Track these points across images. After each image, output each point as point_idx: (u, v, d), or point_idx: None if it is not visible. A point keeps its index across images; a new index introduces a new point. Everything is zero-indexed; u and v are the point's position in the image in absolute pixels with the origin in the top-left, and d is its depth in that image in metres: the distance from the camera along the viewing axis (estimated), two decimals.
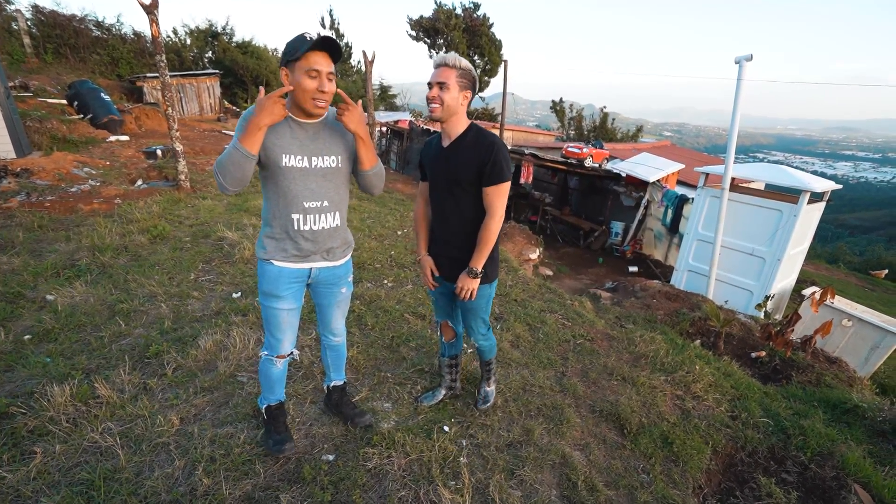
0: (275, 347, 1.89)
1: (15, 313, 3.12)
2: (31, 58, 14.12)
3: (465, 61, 1.82)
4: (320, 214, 1.75)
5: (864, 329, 4.90)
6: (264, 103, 1.48)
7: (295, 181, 1.66)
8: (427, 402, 2.50)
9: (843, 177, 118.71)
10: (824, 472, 2.52)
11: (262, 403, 2.06)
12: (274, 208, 1.70)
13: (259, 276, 1.79)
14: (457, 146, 1.91)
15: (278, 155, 1.61)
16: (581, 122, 24.04)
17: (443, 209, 2.01)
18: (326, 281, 1.90)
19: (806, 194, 4.91)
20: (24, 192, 5.78)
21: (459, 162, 1.89)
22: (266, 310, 1.82)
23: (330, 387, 2.28)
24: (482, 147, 1.86)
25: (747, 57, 5.01)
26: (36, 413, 2.11)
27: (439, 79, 1.80)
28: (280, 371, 1.96)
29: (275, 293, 1.77)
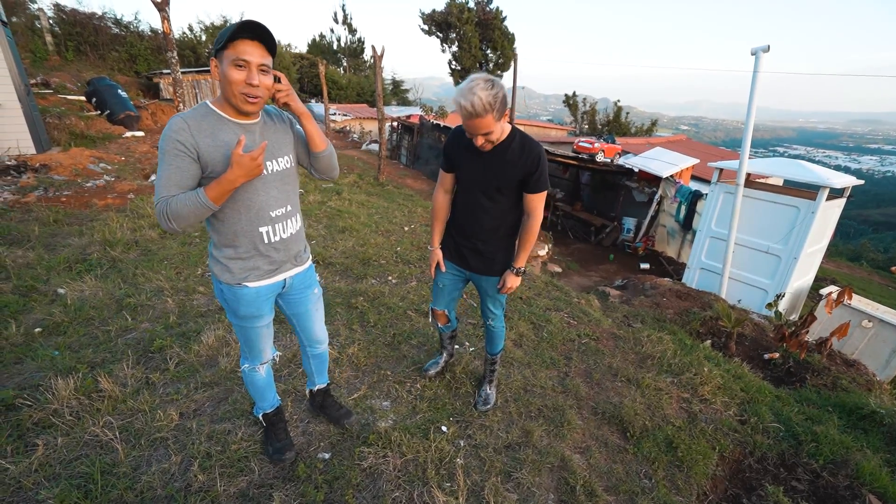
0: (256, 358, 1.82)
1: (27, 306, 3.19)
2: (53, 55, 14.44)
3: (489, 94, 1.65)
4: (286, 221, 1.64)
5: (885, 330, 4.73)
6: (243, 162, 1.34)
7: (257, 192, 1.52)
8: (432, 371, 2.69)
9: (869, 171, 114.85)
10: (837, 480, 2.43)
11: (257, 413, 2.03)
12: (236, 226, 1.53)
13: (231, 301, 1.62)
14: (501, 152, 1.89)
15: None
16: (594, 116, 23.67)
17: (476, 208, 2.04)
18: (299, 286, 1.80)
19: (825, 190, 4.74)
20: (41, 188, 5.92)
21: (503, 169, 1.90)
22: (245, 330, 1.72)
23: (314, 391, 2.22)
24: (529, 158, 1.87)
25: (764, 48, 4.84)
26: (41, 405, 2.15)
27: (482, 130, 1.74)
28: (265, 377, 1.91)
29: (255, 314, 1.67)
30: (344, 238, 5.03)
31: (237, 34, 1.33)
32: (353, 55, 28.89)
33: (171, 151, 1.36)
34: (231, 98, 1.41)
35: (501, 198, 1.98)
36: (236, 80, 1.37)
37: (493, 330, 2.39)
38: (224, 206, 1.49)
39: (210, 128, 1.41)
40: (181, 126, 1.37)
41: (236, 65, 1.35)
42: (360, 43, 29.12)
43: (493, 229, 2.06)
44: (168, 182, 1.37)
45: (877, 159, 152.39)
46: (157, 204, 1.37)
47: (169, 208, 1.35)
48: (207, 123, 1.42)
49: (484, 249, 2.11)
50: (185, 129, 1.37)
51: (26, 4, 14.59)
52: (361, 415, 2.33)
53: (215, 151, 1.41)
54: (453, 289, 2.32)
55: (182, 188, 1.38)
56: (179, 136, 1.36)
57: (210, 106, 1.45)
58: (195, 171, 1.41)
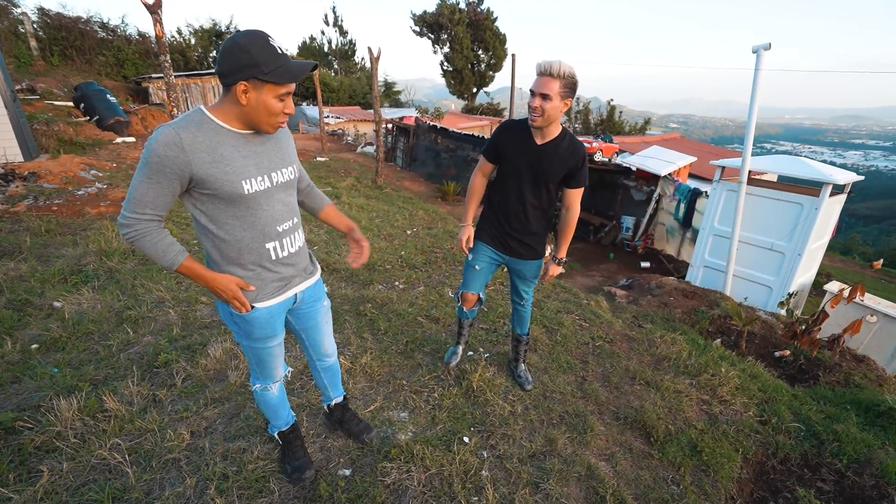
0: (269, 378, 1.71)
1: (22, 321, 3.07)
2: (38, 60, 14.17)
3: (569, 68, 1.83)
4: (293, 234, 1.54)
5: (890, 325, 4.74)
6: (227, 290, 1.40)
7: (261, 207, 1.40)
8: (453, 362, 2.80)
9: (854, 166, 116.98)
10: (863, 480, 2.40)
11: (272, 431, 1.93)
12: (240, 244, 1.41)
13: (242, 325, 1.51)
14: (553, 148, 2.04)
15: (236, 183, 1.32)
16: (588, 116, 23.77)
17: (522, 198, 2.18)
18: (309, 300, 1.70)
19: (828, 187, 4.75)
20: (31, 196, 5.75)
21: (553, 163, 2.05)
22: (256, 351, 1.61)
23: (331, 406, 2.12)
24: (577, 156, 2.04)
25: (765, 46, 4.83)
26: (43, 428, 2.05)
27: (543, 90, 1.85)
28: (278, 395, 1.80)
29: (270, 334, 1.57)
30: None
31: (298, 78, 1.28)
32: (344, 57, 28.75)
33: (155, 167, 1.21)
34: (260, 123, 1.32)
35: (546, 190, 2.15)
36: (277, 111, 1.30)
37: (524, 312, 2.60)
38: (227, 222, 1.37)
39: (207, 141, 1.26)
40: (172, 140, 1.20)
41: (280, 98, 1.29)
42: (351, 45, 28.99)
43: (537, 219, 2.23)
44: (143, 199, 1.25)
45: (861, 154, 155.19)
46: (124, 225, 1.26)
47: (136, 242, 1.27)
48: (204, 136, 1.26)
49: (528, 237, 2.27)
50: (177, 145, 1.21)
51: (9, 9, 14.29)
52: (380, 427, 2.25)
53: (212, 167, 1.27)
54: (488, 272, 2.46)
55: (158, 208, 1.27)
56: (169, 151, 1.20)
57: (206, 113, 1.29)
58: (176, 190, 1.28)
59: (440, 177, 9.95)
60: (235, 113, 1.30)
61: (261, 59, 1.20)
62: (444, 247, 5.07)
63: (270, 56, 1.21)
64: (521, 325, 2.66)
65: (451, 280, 4.16)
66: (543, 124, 1.95)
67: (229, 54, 1.21)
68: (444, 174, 10.05)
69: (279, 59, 1.23)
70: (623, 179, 9.47)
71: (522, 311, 2.60)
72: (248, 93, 1.25)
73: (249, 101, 1.26)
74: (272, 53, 1.22)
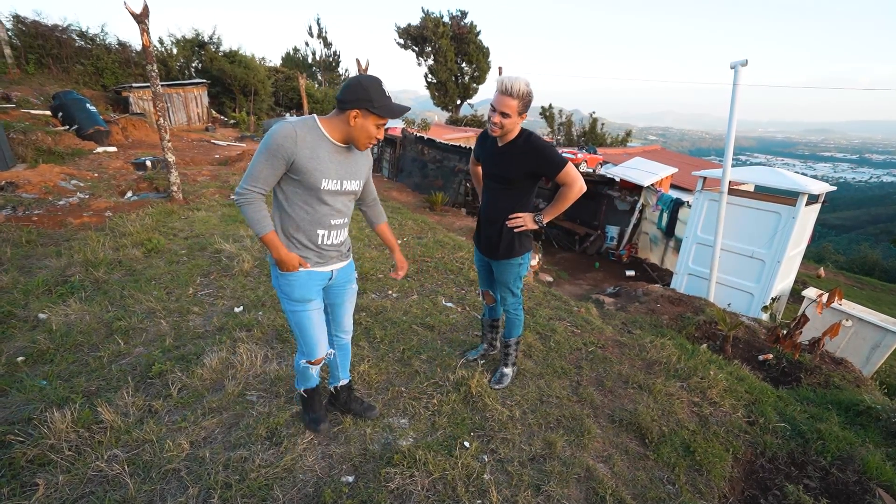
0: (312, 352, 1.96)
1: (6, 334, 2.99)
2: (13, 69, 13.81)
3: (527, 87, 2.03)
4: (341, 230, 1.89)
5: (864, 329, 4.94)
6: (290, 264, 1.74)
7: (326, 202, 1.76)
8: (471, 357, 2.96)
9: (823, 177, 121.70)
10: (846, 476, 2.50)
11: (299, 387, 2.20)
12: (299, 222, 1.76)
13: (286, 286, 1.82)
14: (510, 149, 2.22)
15: (318, 179, 1.69)
16: (571, 128, 24.26)
17: (490, 197, 2.37)
18: (342, 280, 2.01)
19: (804, 196, 4.96)
20: (9, 206, 5.60)
21: (509, 163, 2.23)
22: (298, 315, 1.87)
23: (338, 387, 2.33)
24: (530, 154, 2.17)
25: (742, 62, 5.07)
26: (35, 441, 2.00)
27: (502, 108, 2.06)
28: (315, 374, 2.10)
29: (308, 297, 1.85)
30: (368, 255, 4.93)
31: (397, 115, 1.68)
32: (328, 68, 28.82)
33: (272, 152, 1.59)
34: (359, 141, 1.71)
35: (510, 187, 2.28)
36: (373, 135, 1.69)
37: (508, 315, 2.65)
38: (297, 204, 1.73)
39: (312, 141, 1.64)
40: (289, 134, 1.58)
41: (378, 125, 1.67)
42: (335, 56, 29.09)
43: (501, 213, 2.32)
44: (257, 176, 1.62)
45: (830, 166, 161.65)
46: (240, 194, 1.64)
47: (243, 207, 1.65)
48: (311, 137, 1.64)
49: (492, 233, 2.39)
50: (292, 138, 1.59)
51: None
52: (381, 433, 2.26)
53: (309, 162, 1.64)
54: (485, 272, 2.65)
55: (267, 184, 1.65)
56: (285, 142, 1.58)
57: (318, 123, 1.67)
58: (281, 172, 1.65)
59: (427, 187, 10.01)
60: (340, 129, 1.69)
61: (374, 97, 1.60)
62: (434, 256, 5.10)
63: (380, 96, 1.62)
64: (506, 329, 2.74)
65: (444, 289, 4.20)
66: (501, 136, 2.20)
67: (352, 89, 1.61)
68: (431, 185, 10.12)
69: (385, 100, 1.63)
70: (607, 190, 9.69)
71: (507, 315, 2.67)
72: (358, 118, 1.64)
73: (356, 125, 1.65)
74: (382, 95, 1.62)
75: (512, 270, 2.46)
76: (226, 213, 6.10)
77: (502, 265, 2.46)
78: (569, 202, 2.24)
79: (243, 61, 20.43)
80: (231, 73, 19.39)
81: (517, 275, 2.48)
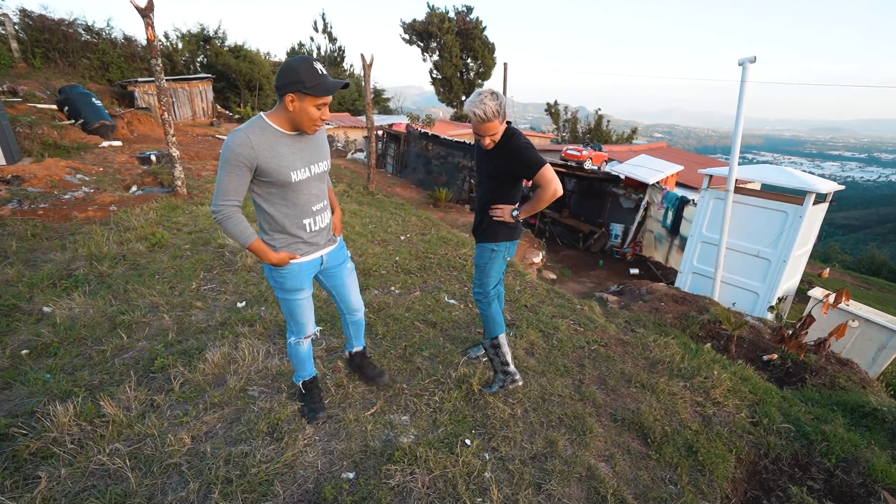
0: (301, 331, 2.11)
1: (11, 327, 3.01)
2: (19, 63, 13.87)
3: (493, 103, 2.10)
4: (323, 213, 1.96)
5: (870, 330, 4.89)
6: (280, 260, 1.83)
7: (302, 192, 1.82)
8: (473, 355, 2.97)
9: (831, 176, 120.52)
10: (851, 478, 2.47)
11: (297, 380, 2.32)
12: (284, 219, 1.83)
13: (278, 278, 1.92)
14: (493, 150, 2.32)
15: (287, 174, 1.73)
16: (576, 125, 24.12)
17: (480, 189, 2.53)
18: (334, 262, 2.12)
19: (812, 195, 4.91)
20: (15, 200, 5.64)
21: (493, 163, 2.35)
22: (289, 303, 2.00)
23: (353, 352, 2.58)
24: (507, 156, 2.26)
25: (750, 59, 5.01)
26: (38, 434, 2.01)
27: (488, 133, 2.19)
28: (306, 350, 2.21)
29: (299, 287, 1.96)
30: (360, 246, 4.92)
31: (331, 92, 1.63)
32: (333, 64, 28.74)
33: (232, 162, 1.62)
34: (303, 125, 1.70)
35: (493, 183, 2.41)
36: (316, 117, 1.68)
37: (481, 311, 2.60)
38: (276, 202, 1.78)
39: (269, 141, 1.66)
40: (244, 141, 1.61)
41: (318, 107, 1.65)
42: (340, 52, 29.00)
43: (486, 202, 2.45)
44: (227, 190, 1.66)
45: (838, 165, 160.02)
46: (216, 211, 1.69)
47: (223, 223, 1.70)
48: (266, 137, 1.66)
49: (478, 218, 2.53)
50: (247, 144, 1.61)
51: None
52: (382, 430, 2.25)
53: (271, 161, 1.67)
54: None
55: (238, 195, 1.69)
56: (242, 149, 1.61)
57: (266, 120, 1.68)
58: (248, 179, 1.69)
59: (431, 183, 9.99)
60: (286, 118, 1.68)
61: (304, 77, 1.57)
62: (438, 252, 5.09)
63: (311, 76, 1.59)
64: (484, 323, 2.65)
65: (447, 285, 4.19)
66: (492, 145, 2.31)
67: (283, 73, 1.60)
68: (435, 181, 10.09)
69: (318, 78, 1.60)
70: (612, 187, 9.63)
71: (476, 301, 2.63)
72: (295, 102, 1.62)
73: (295, 109, 1.64)
74: (314, 74, 1.59)
75: (484, 254, 2.52)
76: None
77: (478, 248, 2.57)
78: (543, 203, 2.28)
79: (248, 56, 20.44)
80: (236, 68, 19.39)
81: (488, 259, 2.51)
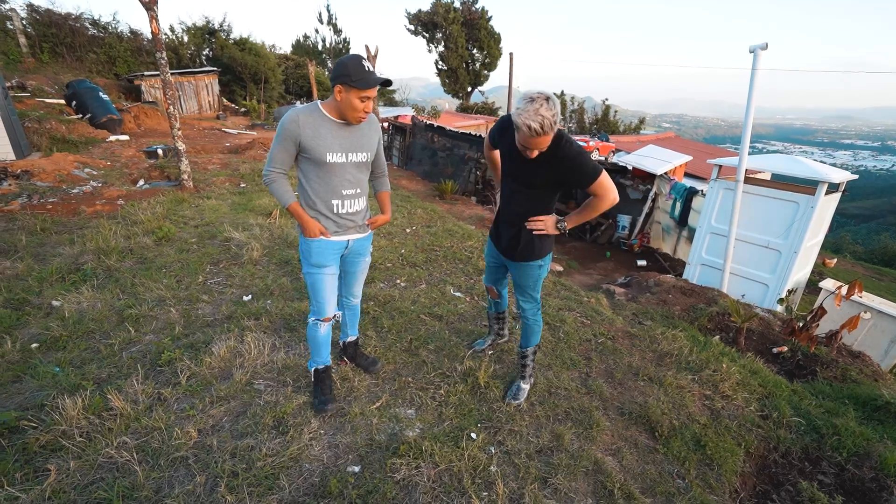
0: (321, 311, 2.19)
1: (21, 320, 3.03)
2: (28, 58, 13.96)
3: (552, 113, 1.79)
4: (355, 199, 2.09)
5: (883, 321, 4.81)
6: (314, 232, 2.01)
7: (335, 173, 1.99)
8: (479, 347, 2.93)
9: (843, 165, 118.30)
10: (862, 473, 2.44)
11: (311, 366, 2.40)
12: (315, 195, 2.01)
13: (306, 251, 2.08)
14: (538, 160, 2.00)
15: (323, 153, 1.91)
16: (583, 115, 23.86)
17: (510, 198, 2.23)
18: (357, 250, 2.25)
19: (824, 185, 4.81)
20: (25, 195, 5.68)
21: (536, 169, 2.04)
22: (313, 277, 2.12)
23: (346, 342, 2.66)
24: (560, 163, 1.98)
25: (762, 46, 4.88)
26: (48, 427, 2.03)
27: (543, 147, 1.92)
28: (325, 334, 2.28)
29: (323, 263, 2.09)
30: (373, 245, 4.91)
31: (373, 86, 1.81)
32: (338, 56, 28.60)
33: (282, 136, 1.88)
34: (348, 117, 1.90)
35: (532, 192, 2.15)
36: (359, 108, 1.87)
37: (525, 321, 2.51)
38: (312, 178, 1.99)
39: (314, 123, 1.89)
40: (293, 119, 1.86)
41: (361, 99, 1.84)
42: (345, 43, 28.82)
43: (522, 214, 2.19)
44: (275, 158, 1.94)
45: (850, 154, 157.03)
46: (265, 175, 1.99)
47: (271, 185, 1.99)
48: (313, 119, 1.89)
49: (510, 234, 2.26)
50: (295, 122, 1.86)
51: None
52: (387, 423, 2.25)
53: (312, 140, 1.89)
54: (495, 267, 2.56)
55: (284, 164, 1.96)
56: (290, 126, 1.86)
57: (320, 107, 1.92)
58: (294, 152, 1.94)
59: (437, 175, 9.93)
60: (334, 107, 1.90)
61: (352, 72, 1.77)
62: (444, 245, 5.07)
63: (358, 71, 1.78)
64: (522, 337, 2.55)
65: (453, 278, 4.17)
66: None
67: (336, 67, 1.82)
68: (441, 173, 10.04)
69: (363, 74, 1.78)
70: (619, 178, 9.51)
71: (524, 321, 2.49)
72: (342, 93, 1.83)
73: (342, 100, 1.85)
74: (360, 69, 1.78)
75: (531, 273, 2.28)
76: (235, 202, 6.12)
77: (521, 267, 2.29)
78: (597, 213, 2.07)
79: (254, 49, 20.37)
80: (241, 61, 19.35)
81: (537, 277, 2.31)
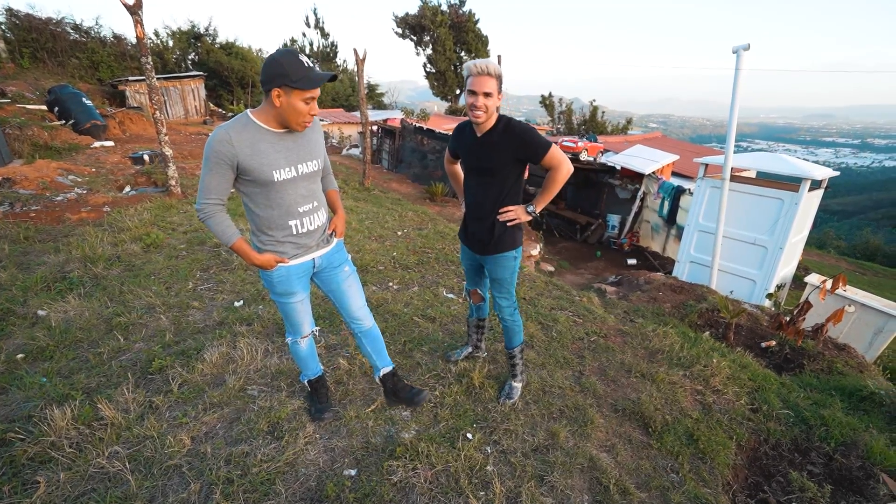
0: (297, 332, 2.07)
1: (5, 331, 2.97)
2: (7, 63, 13.67)
3: (497, 66, 1.94)
4: (314, 214, 1.84)
5: (866, 314, 4.92)
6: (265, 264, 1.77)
7: (287, 192, 1.72)
8: (456, 357, 2.84)
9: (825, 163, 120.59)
10: (850, 462, 2.49)
11: (303, 379, 2.31)
12: (269, 220, 1.75)
13: (267, 281, 1.87)
14: (489, 138, 2.06)
15: (269, 173, 1.65)
16: (571, 116, 24.05)
17: (476, 192, 2.20)
18: (329, 265, 1.99)
19: (807, 182, 4.91)
20: (6, 203, 5.57)
21: (491, 153, 2.07)
22: (283, 306, 1.95)
23: (381, 377, 2.29)
24: (511, 140, 2.02)
25: (745, 46, 4.98)
26: (36, 438, 1.99)
27: (485, 89, 1.92)
28: (307, 349, 2.16)
29: (289, 291, 1.89)
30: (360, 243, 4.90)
31: (318, 84, 1.56)
32: (325, 59, 28.49)
33: (213, 160, 1.58)
34: (291, 122, 1.62)
35: (495, 178, 2.13)
36: (304, 111, 1.60)
37: (504, 323, 2.47)
38: (260, 202, 1.71)
39: (250, 139, 1.60)
40: (224, 138, 1.56)
41: (306, 101, 1.58)
42: (333, 47, 28.74)
43: (490, 206, 2.17)
44: (209, 188, 1.63)
45: (832, 152, 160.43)
46: (199, 210, 1.67)
47: (206, 221, 1.68)
48: (248, 135, 1.59)
49: (481, 230, 2.23)
50: (227, 141, 1.56)
51: None
52: (383, 426, 2.25)
53: (252, 160, 1.61)
54: (473, 271, 2.52)
55: (221, 194, 1.65)
56: (221, 147, 1.56)
57: (251, 117, 1.62)
58: (231, 177, 1.64)
59: (427, 178, 9.95)
60: (272, 114, 1.61)
61: (290, 71, 1.51)
62: (435, 247, 5.07)
63: (297, 69, 1.52)
64: (506, 338, 2.54)
65: (445, 280, 4.18)
66: (485, 119, 2.02)
67: (267, 67, 1.53)
68: (431, 175, 10.05)
69: (304, 71, 1.53)
70: (608, 178, 9.62)
71: (504, 323, 2.46)
72: (281, 97, 1.55)
73: (282, 105, 1.57)
74: (299, 66, 1.52)
75: (507, 264, 2.29)
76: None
77: (496, 260, 2.28)
78: (558, 186, 2.08)
79: (240, 53, 20.23)
80: (228, 66, 19.20)
81: (513, 269, 2.32)
